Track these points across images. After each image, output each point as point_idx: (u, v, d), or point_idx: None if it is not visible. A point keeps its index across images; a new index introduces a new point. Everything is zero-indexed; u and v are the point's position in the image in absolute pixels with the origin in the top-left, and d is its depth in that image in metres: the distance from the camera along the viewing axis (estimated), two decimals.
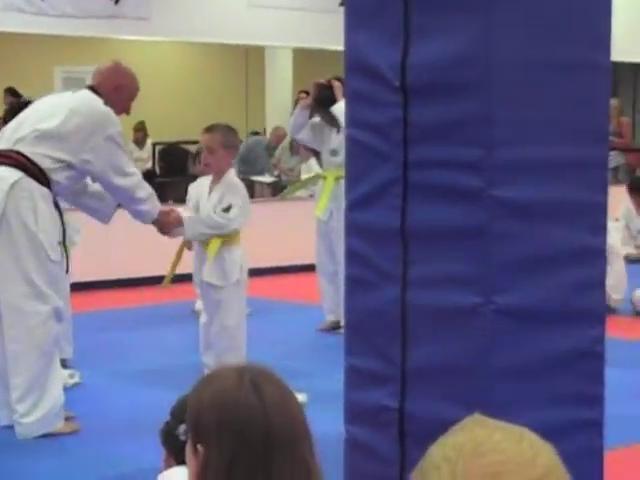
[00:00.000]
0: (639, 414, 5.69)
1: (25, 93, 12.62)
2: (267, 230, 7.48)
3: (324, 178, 7.81)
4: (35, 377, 5.28)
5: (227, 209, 5.96)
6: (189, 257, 6.32)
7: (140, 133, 14.28)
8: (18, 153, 5.28)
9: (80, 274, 7.02)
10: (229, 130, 6.18)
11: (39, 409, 5.29)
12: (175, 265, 6.32)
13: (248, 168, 13.13)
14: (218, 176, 6.06)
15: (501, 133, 3.08)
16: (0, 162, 5.29)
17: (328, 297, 7.98)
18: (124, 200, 5.72)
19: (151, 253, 9.84)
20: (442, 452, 1.32)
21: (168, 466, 2.80)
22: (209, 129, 6.10)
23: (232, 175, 6.12)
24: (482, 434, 1.34)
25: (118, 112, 5.55)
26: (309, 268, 8.70)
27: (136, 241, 10.07)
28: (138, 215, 5.78)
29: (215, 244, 5.99)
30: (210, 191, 6.07)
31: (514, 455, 1.31)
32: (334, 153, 7.66)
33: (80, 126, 5.36)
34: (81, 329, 6.96)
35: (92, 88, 5.58)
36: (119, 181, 5.54)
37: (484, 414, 1.42)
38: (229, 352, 5.95)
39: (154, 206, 5.78)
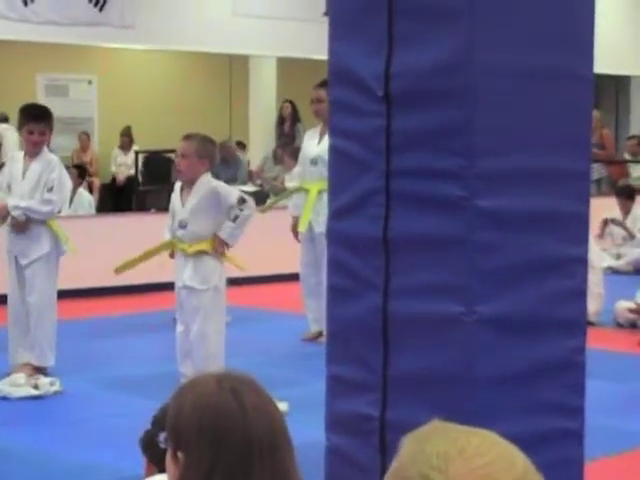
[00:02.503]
0: (620, 425, 5.70)
1: (7, 100, 12.58)
2: (250, 239, 7.48)
3: (306, 191, 7.82)
4: None
5: (242, 200, 6.10)
6: (172, 265, 6.32)
7: (126, 138, 14.34)
8: None
9: (62, 282, 7.01)
10: (206, 140, 6.21)
11: None
12: (138, 261, 6.39)
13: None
14: (190, 183, 6.09)
15: (483, 142, 3.09)
16: None
17: (312, 307, 7.97)
18: None
19: None
20: (426, 461, 1.31)
21: (149, 474, 2.79)
22: (187, 137, 6.19)
23: (208, 180, 6.13)
24: (459, 440, 1.34)
25: None
26: (293, 277, 8.69)
27: (119, 250, 10.04)
28: None
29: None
30: (183, 199, 6.11)
31: (495, 457, 1.32)
32: (314, 162, 7.72)
33: None
34: (64, 337, 6.93)
35: None
36: None
37: (465, 423, 1.41)
38: (207, 360, 5.93)
39: None
